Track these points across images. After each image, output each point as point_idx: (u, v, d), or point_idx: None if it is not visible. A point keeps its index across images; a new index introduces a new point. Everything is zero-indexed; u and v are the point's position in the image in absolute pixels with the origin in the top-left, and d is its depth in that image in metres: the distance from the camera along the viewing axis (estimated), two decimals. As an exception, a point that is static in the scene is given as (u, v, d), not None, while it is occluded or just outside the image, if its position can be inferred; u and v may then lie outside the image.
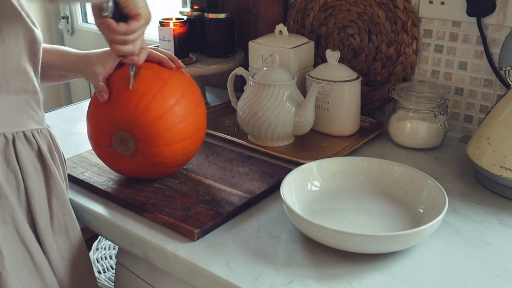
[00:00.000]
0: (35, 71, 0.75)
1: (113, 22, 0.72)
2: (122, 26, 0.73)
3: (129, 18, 0.73)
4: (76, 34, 2.25)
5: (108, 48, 0.82)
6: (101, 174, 0.90)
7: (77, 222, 0.79)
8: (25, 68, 0.72)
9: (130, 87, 0.80)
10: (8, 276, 0.69)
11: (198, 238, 0.74)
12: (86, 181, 0.88)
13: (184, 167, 0.92)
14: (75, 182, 0.89)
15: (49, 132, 0.78)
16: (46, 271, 0.74)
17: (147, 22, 0.75)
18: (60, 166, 0.79)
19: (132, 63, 0.79)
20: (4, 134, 0.70)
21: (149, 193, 0.84)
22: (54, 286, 0.76)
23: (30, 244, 0.72)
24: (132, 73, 0.80)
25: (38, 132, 0.74)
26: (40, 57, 0.75)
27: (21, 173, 0.72)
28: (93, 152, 0.97)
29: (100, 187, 0.86)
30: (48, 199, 0.75)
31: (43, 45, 0.80)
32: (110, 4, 0.71)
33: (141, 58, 0.80)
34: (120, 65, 0.85)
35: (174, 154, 0.82)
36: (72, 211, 0.79)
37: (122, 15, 0.73)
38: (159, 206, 0.80)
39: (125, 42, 0.75)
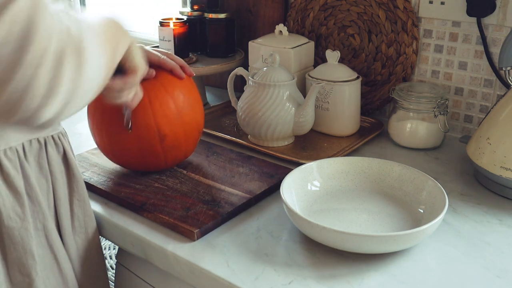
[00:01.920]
0: None
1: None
2: (117, 83, 0.70)
3: (126, 72, 0.70)
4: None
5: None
6: (101, 174, 0.90)
7: (95, 222, 0.79)
8: None
9: (129, 130, 0.82)
10: (39, 282, 0.68)
11: (198, 238, 0.74)
12: (86, 181, 0.87)
13: (184, 167, 0.92)
14: (75, 182, 0.89)
15: (66, 133, 0.77)
16: (70, 278, 0.74)
17: (143, 74, 0.74)
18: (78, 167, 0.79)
19: (126, 105, 0.79)
20: (38, 139, 0.70)
21: (149, 193, 0.84)
22: None
23: (57, 250, 0.72)
24: (125, 113, 0.81)
25: (62, 134, 0.74)
26: None
27: (50, 177, 0.72)
28: (93, 152, 0.97)
29: (100, 187, 0.86)
30: (70, 200, 0.75)
31: None
32: None
33: (134, 104, 0.78)
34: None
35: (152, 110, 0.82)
36: (92, 212, 0.79)
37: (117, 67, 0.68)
38: (159, 206, 0.80)
39: (120, 96, 0.73)
